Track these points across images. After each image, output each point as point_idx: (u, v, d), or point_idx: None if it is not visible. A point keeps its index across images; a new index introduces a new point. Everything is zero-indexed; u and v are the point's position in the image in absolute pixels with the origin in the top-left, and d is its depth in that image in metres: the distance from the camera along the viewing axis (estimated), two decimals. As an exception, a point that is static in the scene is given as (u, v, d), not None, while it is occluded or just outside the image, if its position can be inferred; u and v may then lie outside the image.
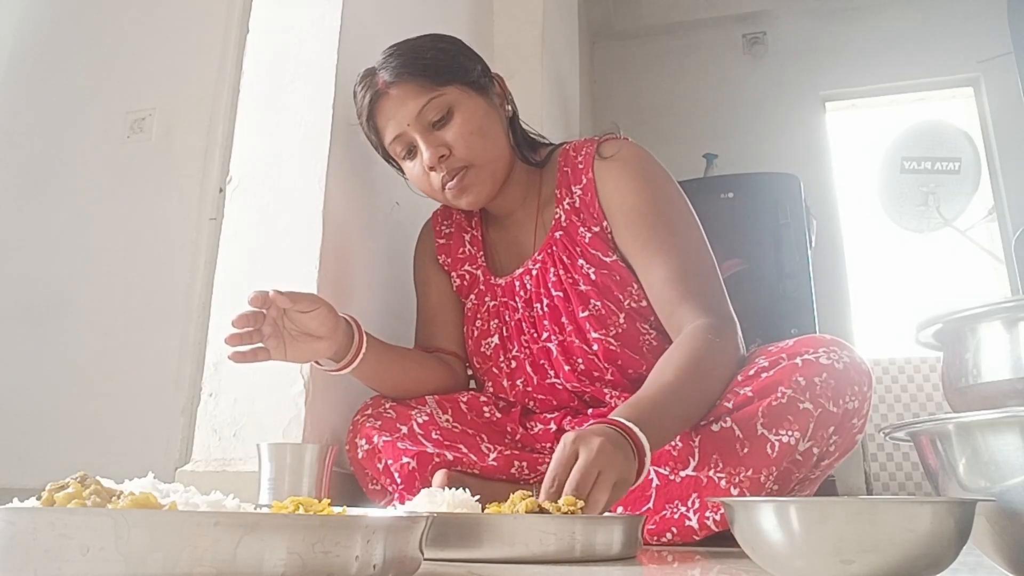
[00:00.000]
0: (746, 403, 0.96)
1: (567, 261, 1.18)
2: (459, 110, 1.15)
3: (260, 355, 1.00)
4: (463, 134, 1.14)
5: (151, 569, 0.44)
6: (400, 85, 1.14)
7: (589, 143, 1.22)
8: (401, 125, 1.15)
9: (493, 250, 1.30)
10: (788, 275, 2.76)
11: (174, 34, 2.07)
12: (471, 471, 1.10)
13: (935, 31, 3.57)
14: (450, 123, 1.14)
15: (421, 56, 1.16)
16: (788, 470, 0.94)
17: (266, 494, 0.95)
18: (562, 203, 1.20)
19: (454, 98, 1.15)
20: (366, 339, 1.11)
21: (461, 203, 1.18)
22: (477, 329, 1.26)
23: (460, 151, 1.14)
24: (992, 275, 3.39)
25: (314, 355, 1.06)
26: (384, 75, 1.16)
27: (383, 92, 1.16)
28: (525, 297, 1.22)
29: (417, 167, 1.17)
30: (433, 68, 1.15)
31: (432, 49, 1.18)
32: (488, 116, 1.18)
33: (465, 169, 1.15)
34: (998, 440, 0.53)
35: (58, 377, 1.87)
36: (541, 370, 1.20)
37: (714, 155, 3.22)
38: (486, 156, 1.16)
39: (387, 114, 1.16)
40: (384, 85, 1.15)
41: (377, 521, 0.52)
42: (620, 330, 1.14)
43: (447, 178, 1.15)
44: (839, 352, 0.96)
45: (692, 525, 0.95)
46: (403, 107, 1.14)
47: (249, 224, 1.32)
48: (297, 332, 1.02)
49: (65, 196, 2.03)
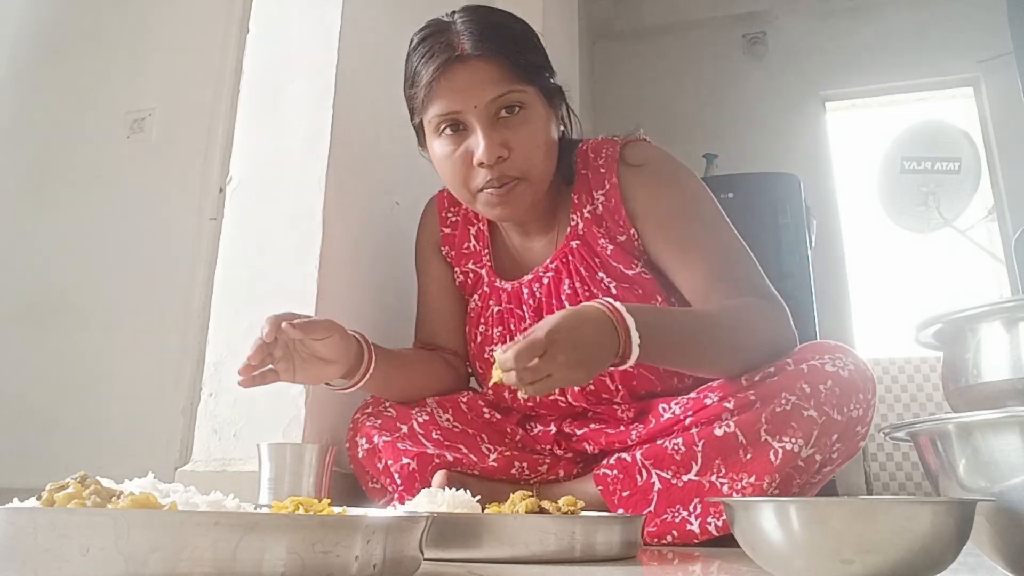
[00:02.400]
0: (749, 407, 0.95)
1: (584, 273, 1.11)
2: (531, 115, 1.04)
3: (269, 377, 0.98)
4: (527, 144, 1.03)
5: (151, 569, 0.44)
6: (484, 60, 1.01)
7: (609, 144, 1.15)
8: (466, 103, 1.01)
9: (499, 250, 1.23)
10: (788, 275, 2.76)
11: (174, 34, 2.07)
12: (471, 471, 1.10)
13: (935, 31, 3.56)
14: (518, 125, 1.03)
15: (513, 37, 1.05)
16: (790, 476, 0.94)
17: (266, 494, 0.95)
18: (581, 209, 1.13)
19: (531, 100, 1.04)
20: (375, 356, 1.08)
21: (492, 212, 1.08)
22: (480, 334, 1.21)
23: (518, 161, 1.03)
24: (992, 275, 3.39)
25: (324, 378, 1.04)
26: (467, 41, 1.01)
27: (461, 59, 1.01)
28: (533, 306, 1.15)
29: (457, 153, 1.04)
30: (523, 57, 1.04)
31: (523, 34, 1.07)
32: (551, 134, 1.08)
33: (516, 181, 1.04)
34: (998, 440, 0.53)
35: (58, 377, 1.87)
36: None
37: (714, 155, 3.22)
38: (539, 174, 1.06)
39: (455, 84, 1.01)
40: (464, 52, 1.01)
41: (377, 521, 0.52)
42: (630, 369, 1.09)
43: (493, 183, 1.03)
44: (844, 359, 0.96)
45: (693, 529, 0.95)
46: (478, 86, 1.01)
47: (249, 224, 1.32)
48: (308, 355, 1.00)
49: (65, 196, 2.03)
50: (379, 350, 1.10)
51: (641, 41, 3.97)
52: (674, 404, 1.03)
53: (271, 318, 0.96)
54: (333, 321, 1.01)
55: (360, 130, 1.40)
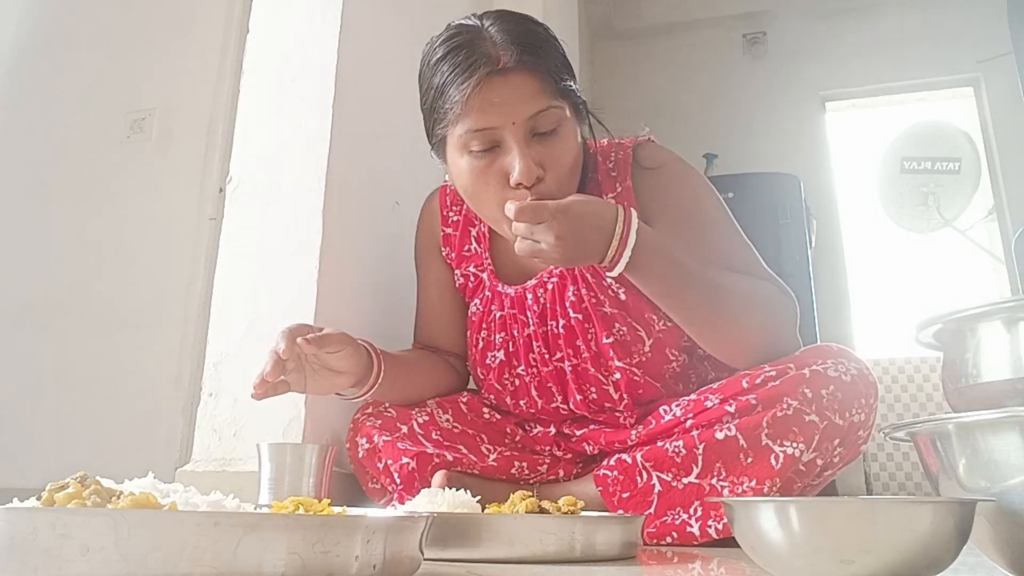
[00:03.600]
0: (750, 410, 0.95)
1: (591, 279, 1.09)
2: (564, 132, 0.99)
3: (280, 388, 0.98)
4: (560, 164, 0.98)
5: (151, 569, 0.44)
6: (524, 75, 0.95)
7: (621, 148, 1.13)
8: (503, 120, 0.94)
9: (501, 253, 1.20)
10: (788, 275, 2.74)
11: (174, 34, 2.07)
12: (471, 471, 1.10)
13: (935, 31, 3.57)
14: (554, 143, 0.98)
15: (552, 50, 0.99)
16: (791, 480, 0.94)
17: (266, 494, 0.95)
18: None
19: (565, 116, 0.99)
20: (384, 365, 1.07)
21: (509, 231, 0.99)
22: (482, 340, 1.18)
23: (553, 181, 0.97)
24: (992, 275, 3.39)
25: (334, 388, 1.04)
26: (507, 54, 0.94)
27: (500, 72, 0.94)
28: (538, 312, 1.13)
29: (491, 170, 0.97)
30: (559, 71, 0.98)
31: (556, 46, 1.01)
32: (580, 151, 1.03)
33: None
34: (998, 440, 0.53)
35: (58, 377, 1.87)
36: (547, 394, 1.14)
37: (714, 155, 3.22)
38: (567, 193, 0.98)
39: (493, 98, 0.94)
40: (504, 65, 0.94)
41: (377, 521, 0.52)
42: (645, 358, 1.08)
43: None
44: (847, 364, 0.96)
45: (693, 531, 0.95)
46: (518, 102, 0.94)
47: (249, 224, 1.32)
48: (319, 367, 1.00)
49: (65, 196, 2.03)
50: (387, 358, 1.10)
51: (641, 41, 3.97)
52: (675, 405, 1.02)
53: (286, 332, 0.96)
54: (345, 333, 1.01)
55: (360, 130, 1.40)
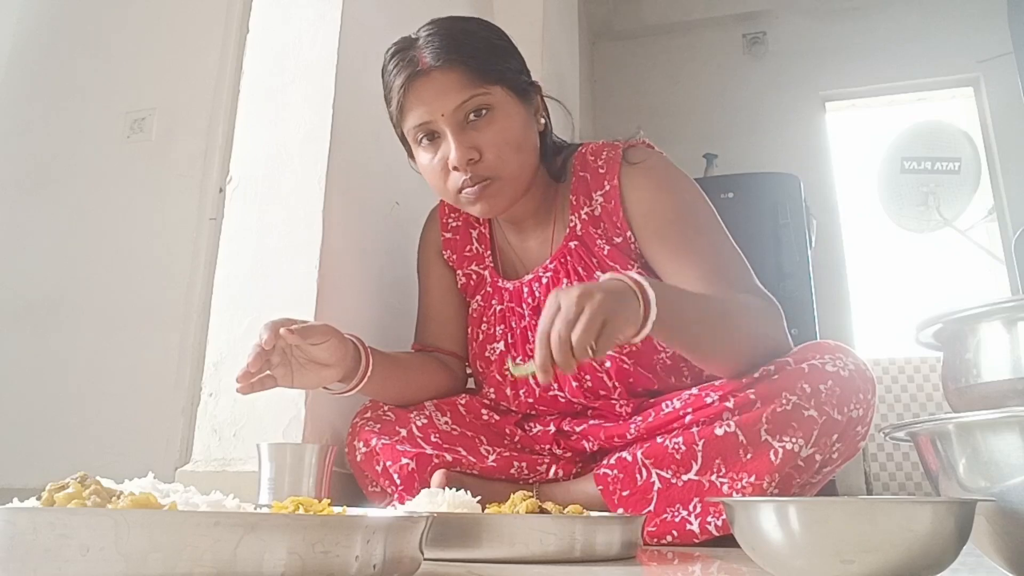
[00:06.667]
0: (749, 406, 0.95)
1: (583, 273, 1.13)
2: (499, 115, 1.07)
3: (267, 383, 0.98)
4: (498, 143, 1.06)
5: (151, 569, 0.44)
6: (443, 71, 1.05)
7: (611, 148, 1.16)
8: (433, 114, 1.05)
9: (501, 251, 1.25)
10: (788, 275, 2.76)
11: (174, 34, 2.07)
12: (470, 471, 1.10)
13: (935, 31, 3.57)
14: (486, 126, 1.06)
15: (471, 43, 1.07)
16: (790, 475, 0.94)
17: (266, 494, 0.95)
18: (579, 211, 1.15)
19: (497, 100, 1.07)
20: (372, 359, 1.08)
21: (474, 210, 1.11)
22: (482, 333, 1.22)
23: (490, 160, 1.06)
24: (992, 275, 3.39)
25: (322, 382, 1.04)
26: (427, 54, 1.05)
27: (423, 72, 1.05)
28: (533, 304, 1.17)
29: (436, 161, 1.08)
30: (483, 61, 1.06)
31: (483, 39, 1.09)
32: (525, 128, 1.10)
33: (490, 181, 1.07)
34: (998, 440, 0.53)
35: (58, 377, 1.87)
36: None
37: (714, 155, 3.22)
38: (514, 170, 1.08)
39: (421, 97, 1.06)
40: (425, 65, 1.05)
41: (377, 521, 0.52)
42: (633, 347, 1.09)
43: (468, 183, 1.06)
44: (844, 359, 0.96)
45: (693, 529, 0.95)
46: (442, 96, 1.05)
47: (249, 224, 1.32)
48: (305, 360, 1.00)
49: (65, 196, 2.03)
50: (376, 353, 1.10)
51: (641, 41, 3.97)
52: (675, 399, 1.03)
53: (269, 324, 0.96)
54: (330, 325, 1.01)
55: (360, 130, 1.40)
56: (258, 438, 1.10)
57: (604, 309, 0.80)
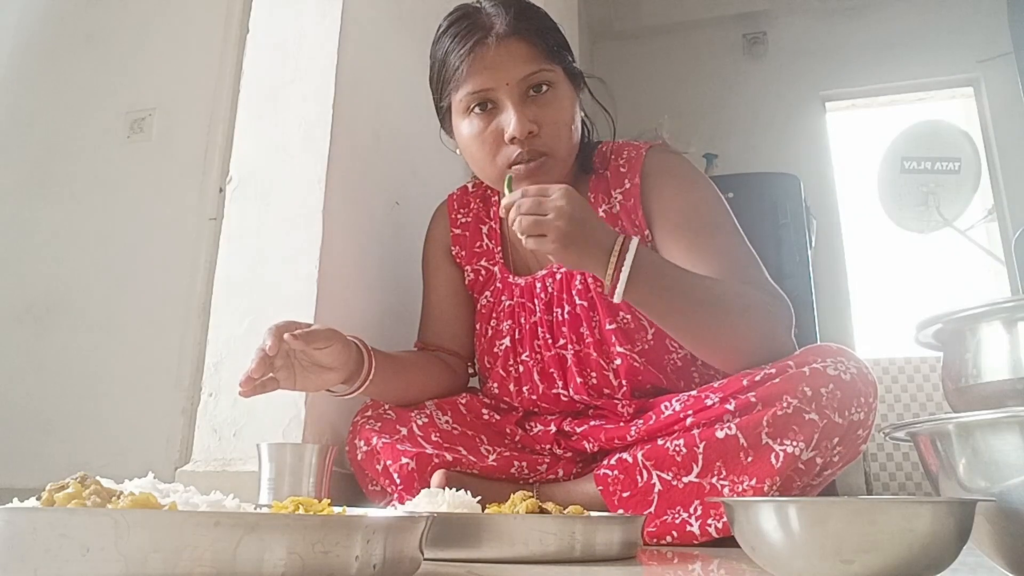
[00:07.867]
0: (750, 409, 0.95)
1: None
2: (559, 94, 1.09)
3: (269, 386, 0.97)
4: (556, 121, 1.08)
5: (151, 569, 0.44)
6: (515, 41, 1.06)
7: (632, 147, 1.18)
8: (498, 81, 1.06)
9: (512, 246, 1.25)
10: (788, 275, 2.76)
11: (174, 34, 2.07)
12: (470, 471, 1.10)
13: (935, 31, 3.57)
14: (548, 103, 1.08)
15: (540, 20, 1.10)
16: (790, 479, 0.94)
17: (266, 494, 0.95)
18: (596, 208, 1.15)
19: (558, 78, 1.09)
20: (374, 362, 1.08)
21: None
22: (491, 328, 1.22)
23: (548, 137, 1.07)
24: (992, 275, 3.39)
25: (324, 385, 1.04)
26: (499, 22, 1.07)
27: (495, 39, 1.05)
28: (545, 300, 1.17)
29: (488, 130, 1.08)
30: (551, 39, 1.09)
31: (548, 18, 1.13)
32: (576, 111, 1.13)
33: (545, 157, 1.08)
34: (998, 440, 0.53)
35: (58, 377, 1.87)
36: (549, 379, 1.16)
37: (714, 155, 3.22)
38: (566, 151, 1.11)
39: (487, 63, 1.06)
40: (498, 32, 1.06)
41: (377, 521, 0.52)
42: (647, 346, 1.10)
43: (524, 156, 1.06)
44: (846, 363, 0.96)
45: (693, 530, 0.95)
46: (511, 65, 1.05)
47: (249, 224, 1.32)
48: (308, 363, 1.00)
49: (65, 196, 2.03)
50: (378, 355, 1.10)
51: (641, 41, 3.97)
52: (675, 401, 1.03)
53: (273, 329, 0.96)
54: (333, 329, 1.01)
55: (360, 130, 1.40)
56: (258, 438, 1.10)
57: (562, 217, 0.89)
